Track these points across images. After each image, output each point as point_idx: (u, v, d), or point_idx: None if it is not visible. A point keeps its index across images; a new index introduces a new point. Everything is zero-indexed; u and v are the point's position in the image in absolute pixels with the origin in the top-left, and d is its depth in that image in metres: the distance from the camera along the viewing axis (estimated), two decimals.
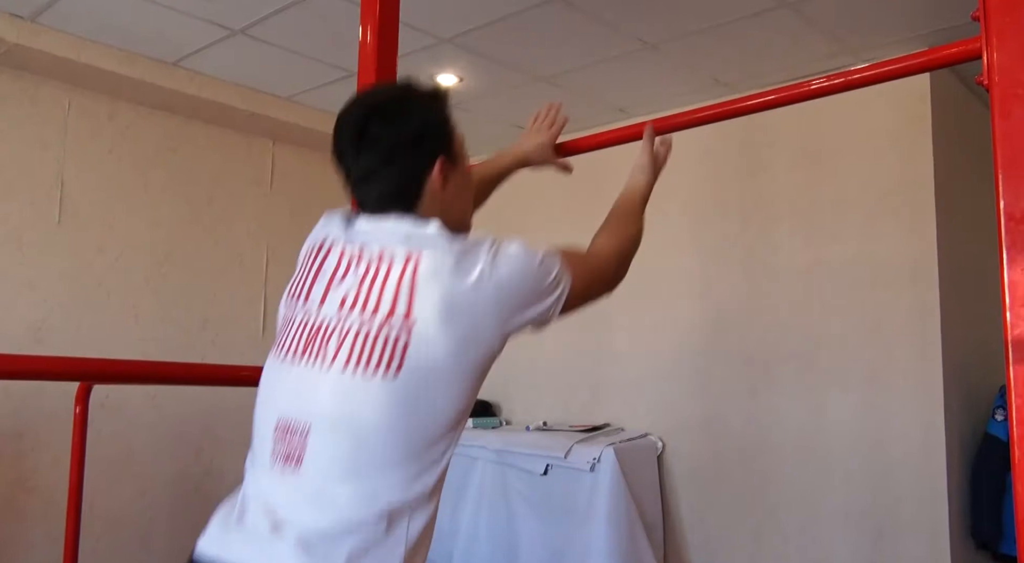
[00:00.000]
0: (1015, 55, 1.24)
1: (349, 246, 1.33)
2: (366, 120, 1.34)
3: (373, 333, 1.21)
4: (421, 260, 1.23)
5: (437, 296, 1.20)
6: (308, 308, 1.32)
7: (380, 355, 1.19)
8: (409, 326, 1.19)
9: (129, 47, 3.96)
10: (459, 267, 1.22)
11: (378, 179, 1.34)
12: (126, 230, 4.32)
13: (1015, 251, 1.20)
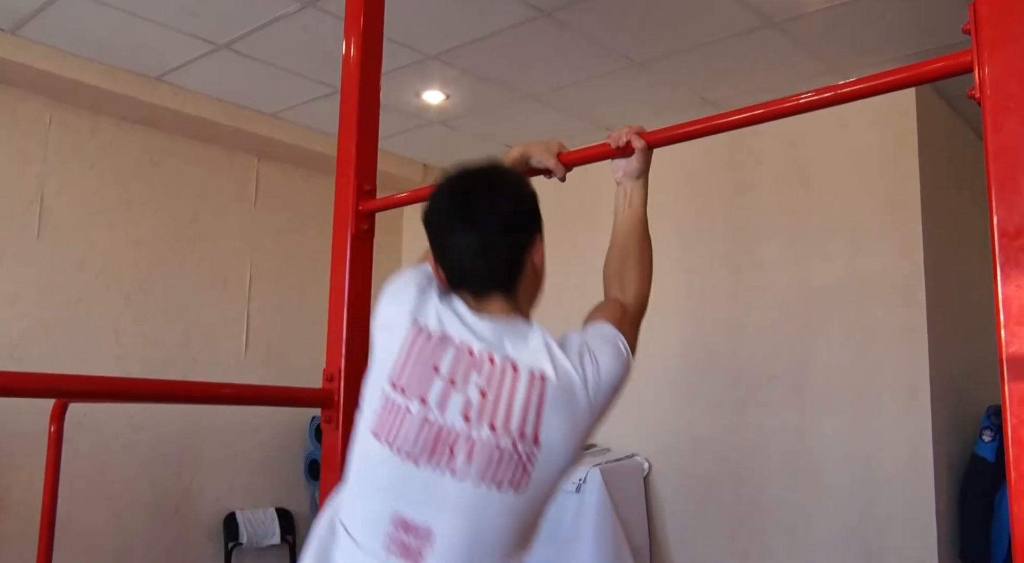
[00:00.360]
0: (1007, 68, 1.22)
1: (465, 346, 1.30)
2: (472, 195, 1.35)
3: (505, 453, 1.24)
4: (546, 385, 1.26)
5: (563, 424, 1.26)
6: (427, 408, 1.28)
7: (511, 474, 1.25)
8: (537, 450, 1.25)
9: (112, 61, 3.92)
10: (577, 390, 1.27)
11: (485, 254, 1.33)
12: (107, 246, 4.25)
13: (1009, 267, 1.18)
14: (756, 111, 1.51)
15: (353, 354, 2.12)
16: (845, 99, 1.42)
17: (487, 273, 1.34)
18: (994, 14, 1.25)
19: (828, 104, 1.45)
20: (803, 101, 1.46)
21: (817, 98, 1.44)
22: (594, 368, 1.29)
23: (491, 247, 1.33)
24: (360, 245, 2.18)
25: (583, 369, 1.28)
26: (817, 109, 1.47)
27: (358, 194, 2.19)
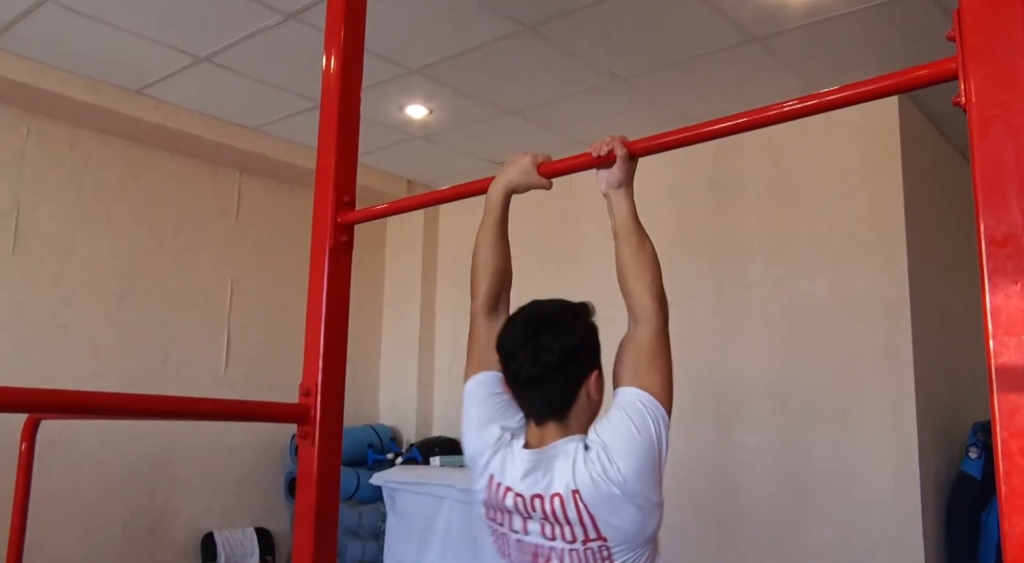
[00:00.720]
0: (992, 75, 1.20)
1: (524, 494, 1.54)
2: (539, 331, 1.56)
3: (586, 553, 1.49)
4: (581, 496, 1.47)
5: (614, 512, 1.46)
6: (517, 533, 1.57)
7: (597, 558, 1.49)
8: (607, 542, 1.47)
9: (91, 74, 3.88)
10: (602, 486, 1.46)
11: (544, 385, 1.55)
12: (85, 261, 4.19)
13: (997, 276, 1.15)
14: (740, 120, 1.48)
15: (330, 369, 2.07)
16: (830, 107, 1.39)
17: (543, 404, 1.57)
18: (978, 21, 1.23)
19: (812, 112, 1.42)
20: (787, 109, 1.43)
21: (801, 106, 1.41)
22: (606, 458, 1.47)
23: (542, 382, 1.55)
24: (338, 258, 2.14)
25: (598, 460, 1.47)
26: (801, 117, 1.45)
27: (337, 206, 2.15)
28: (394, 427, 5.29)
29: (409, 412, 5.27)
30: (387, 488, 4.66)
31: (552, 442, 1.55)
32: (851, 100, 1.40)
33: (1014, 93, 1.18)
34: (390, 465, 4.86)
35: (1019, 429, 1.11)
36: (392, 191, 5.10)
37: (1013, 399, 1.12)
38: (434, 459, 4.74)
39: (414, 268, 5.38)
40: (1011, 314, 1.15)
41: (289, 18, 3.33)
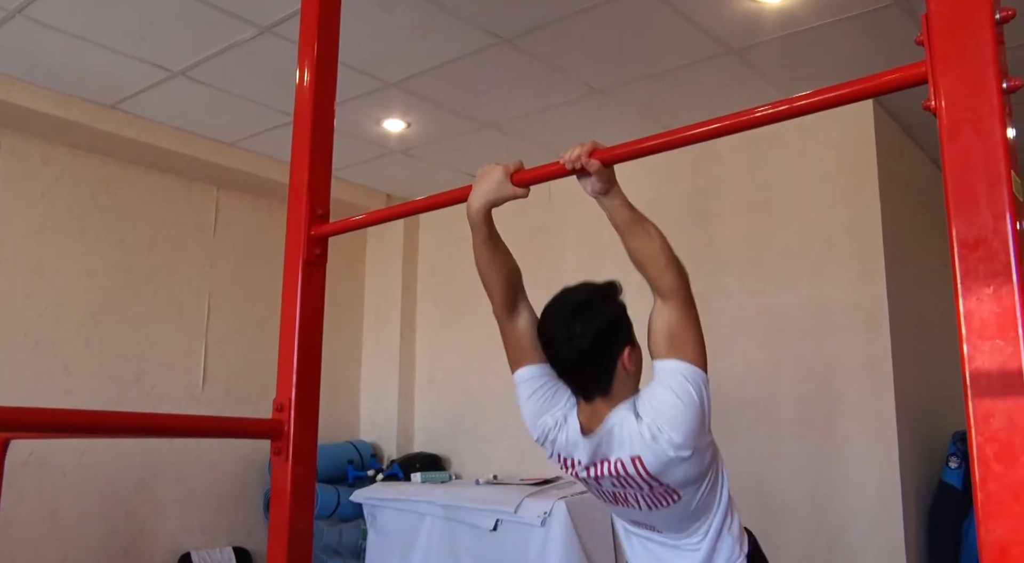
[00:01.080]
0: (961, 79, 1.20)
1: (590, 464, 1.74)
2: (571, 318, 1.71)
3: (658, 496, 1.71)
4: (643, 460, 1.64)
5: (673, 465, 1.63)
6: (600, 486, 1.78)
7: (669, 499, 1.72)
8: (674, 486, 1.68)
9: (63, 88, 3.84)
10: (657, 447, 1.62)
11: (583, 367, 1.71)
12: (57, 277, 4.14)
13: (970, 279, 1.14)
14: (712, 126, 1.48)
15: (304, 383, 2.03)
16: (803, 111, 1.39)
17: (587, 383, 1.73)
18: (946, 25, 1.22)
19: (785, 117, 1.42)
20: (760, 115, 1.43)
21: (773, 112, 1.41)
22: (657, 429, 1.62)
23: (588, 363, 1.70)
24: (312, 270, 2.11)
25: (650, 431, 1.62)
26: (774, 122, 1.44)
27: (310, 218, 2.13)
28: (374, 443, 5.24)
29: (390, 428, 5.22)
30: (368, 505, 4.60)
31: (604, 417, 1.69)
32: (823, 105, 1.39)
33: (982, 97, 1.18)
34: (371, 482, 4.81)
35: (994, 434, 1.10)
36: (371, 205, 5.07)
37: (987, 403, 1.11)
38: (415, 475, 4.70)
39: (394, 283, 5.34)
40: (984, 318, 1.14)
41: (264, 31, 3.31)
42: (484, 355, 4.94)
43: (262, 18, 3.22)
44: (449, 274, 5.21)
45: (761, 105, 1.43)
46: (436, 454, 5.00)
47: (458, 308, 5.13)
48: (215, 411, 4.58)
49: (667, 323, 1.70)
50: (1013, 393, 1.09)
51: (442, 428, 5.12)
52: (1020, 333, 1.10)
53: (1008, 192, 1.15)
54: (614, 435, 1.68)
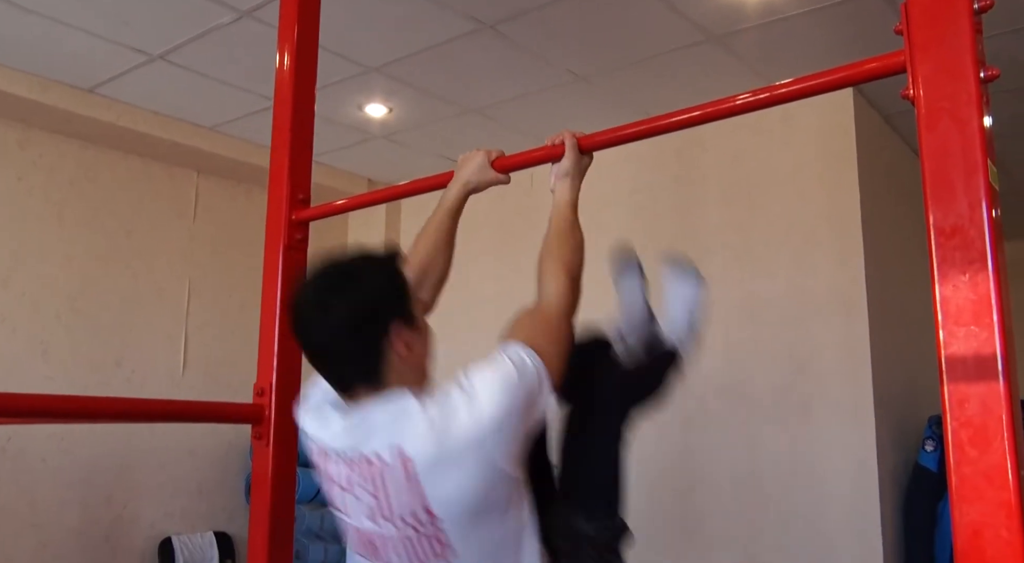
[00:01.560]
0: (939, 67, 1.21)
1: (341, 456, 1.32)
2: (316, 297, 1.32)
3: (415, 538, 1.25)
4: (411, 462, 1.21)
5: (450, 483, 1.21)
6: (350, 518, 1.35)
7: (432, 551, 1.25)
8: (440, 521, 1.23)
9: (40, 71, 3.79)
10: (446, 441, 1.21)
11: (336, 358, 1.32)
12: (36, 263, 4.09)
13: (946, 266, 1.16)
14: (694, 113, 1.49)
15: (285, 368, 2.04)
16: (783, 99, 1.41)
17: (339, 379, 1.33)
18: (924, 14, 1.24)
19: (765, 105, 1.43)
20: (740, 102, 1.44)
21: (754, 99, 1.42)
22: (467, 403, 1.23)
23: (333, 355, 1.32)
24: (293, 255, 2.12)
25: (455, 411, 1.22)
26: (755, 109, 1.45)
27: (291, 203, 2.13)
28: None
29: None
30: None
31: (368, 404, 1.30)
32: (803, 93, 1.41)
33: (960, 85, 1.19)
34: None
35: (968, 419, 1.12)
36: (353, 191, 5.05)
37: (962, 388, 1.13)
38: None
39: None
40: (959, 304, 1.16)
41: (244, 16, 3.28)
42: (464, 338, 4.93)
43: (241, 2, 3.18)
44: None
45: (742, 93, 1.44)
46: None
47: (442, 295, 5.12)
48: (196, 396, 4.57)
49: (517, 317, 1.44)
50: (987, 379, 1.11)
51: None
52: (995, 320, 1.12)
53: (985, 181, 1.17)
54: (380, 422, 1.27)
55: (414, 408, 1.25)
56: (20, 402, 1.76)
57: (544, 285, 1.49)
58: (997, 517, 1.07)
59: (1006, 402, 1.09)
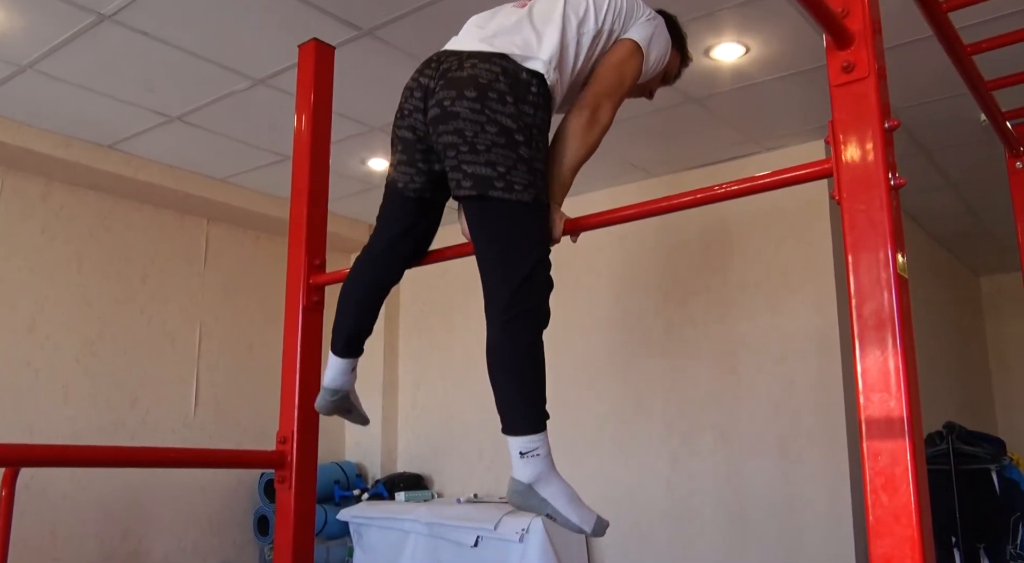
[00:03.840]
0: (857, 177, 1.47)
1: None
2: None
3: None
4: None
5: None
6: None
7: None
8: None
9: (66, 131, 4.05)
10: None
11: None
12: (57, 308, 4.33)
13: (864, 344, 1.41)
14: (673, 201, 1.75)
15: (305, 418, 2.27)
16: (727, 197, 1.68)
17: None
18: (846, 131, 1.50)
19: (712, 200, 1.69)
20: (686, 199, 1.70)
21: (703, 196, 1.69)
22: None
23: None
24: (311, 316, 2.35)
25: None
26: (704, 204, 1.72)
27: (309, 268, 2.37)
28: (359, 464, 5.46)
29: (374, 449, 5.44)
30: (354, 523, 4.83)
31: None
32: (746, 192, 1.68)
33: (874, 192, 1.45)
34: (356, 501, 5.02)
35: (882, 468, 1.37)
36: (356, 236, 5.30)
37: (877, 444, 1.38)
38: (399, 494, 4.92)
39: None
40: (875, 376, 1.41)
41: (257, 83, 3.55)
42: (464, 380, 5.18)
43: (256, 72, 3.46)
44: (430, 302, 5.45)
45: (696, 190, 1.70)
46: (419, 474, 5.23)
47: (439, 335, 5.38)
48: (207, 434, 4.79)
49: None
50: (895, 437, 1.36)
51: (424, 449, 5.35)
52: (902, 389, 1.38)
53: (895, 273, 1.43)
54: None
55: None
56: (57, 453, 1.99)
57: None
58: (903, 550, 1.32)
59: (911, 456, 1.34)
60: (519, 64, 1.77)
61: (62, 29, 3.10)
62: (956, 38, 2.24)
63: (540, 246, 1.75)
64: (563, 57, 1.83)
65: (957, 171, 4.54)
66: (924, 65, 3.27)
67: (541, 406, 1.71)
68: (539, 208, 1.76)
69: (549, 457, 1.70)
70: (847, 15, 1.51)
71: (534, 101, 1.76)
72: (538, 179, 1.75)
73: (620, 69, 1.93)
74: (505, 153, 1.69)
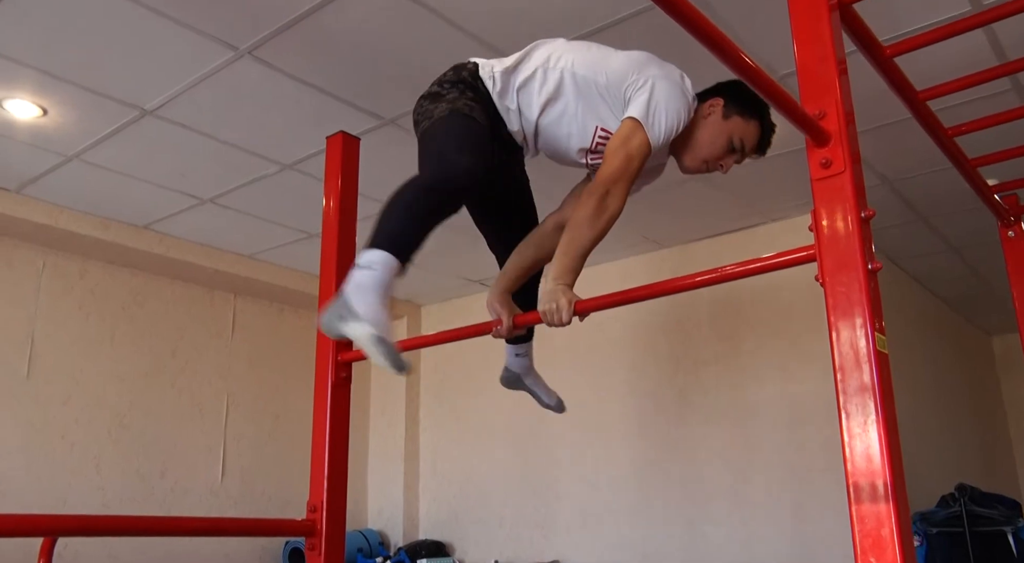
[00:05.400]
0: (838, 263, 1.63)
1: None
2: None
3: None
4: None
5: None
6: None
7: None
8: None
9: (104, 213, 4.28)
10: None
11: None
12: (91, 383, 4.50)
13: (850, 415, 1.54)
14: (679, 282, 1.90)
15: (334, 487, 2.40)
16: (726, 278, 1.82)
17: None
18: (827, 219, 1.65)
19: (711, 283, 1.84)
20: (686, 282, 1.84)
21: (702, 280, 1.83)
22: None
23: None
24: (339, 392, 2.50)
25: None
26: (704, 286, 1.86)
27: (337, 346, 2.53)
28: (382, 531, 5.53)
29: (396, 517, 5.52)
30: None
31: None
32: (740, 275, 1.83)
33: (853, 276, 1.60)
34: None
35: (869, 531, 1.49)
36: None
37: (865, 508, 1.50)
38: (421, 562, 4.99)
39: (398, 381, 5.71)
40: (860, 446, 1.54)
41: (286, 168, 3.77)
42: (484, 447, 5.29)
43: (285, 158, 3.68)
44: (451, 370, 5.60)
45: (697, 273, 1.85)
46: (440, 541, 5.29)
47: (459, 402, 5.51)
48: (233, 503, 4.90)
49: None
50: (879, 501, 1.48)
51: (446, 516, 5.42)
52: (884, 458, 1.50)
53: (874, 348, 1.57)
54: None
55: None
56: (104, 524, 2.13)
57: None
58: None
59: (895, 519, 1.46)
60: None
61: (107, 123, 3.34)
62: (937, 124, 2.42)
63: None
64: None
65: (958, 237, 4.68)
66: (916, 140, 3.44)
67: (393, 234, 1.94)
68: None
69: (380, 282, 1.87)
70: (823, 117, 1.69)
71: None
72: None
73: (625, 149, 1.92)
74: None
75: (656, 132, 1.93)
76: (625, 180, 1.96)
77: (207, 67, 2.98)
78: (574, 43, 2.13)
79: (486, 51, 2.93)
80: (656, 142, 1.95)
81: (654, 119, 1.93)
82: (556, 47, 2.09)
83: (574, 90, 2.02)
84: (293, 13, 2.70)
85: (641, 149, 1.93)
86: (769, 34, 2.86)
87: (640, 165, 1.97)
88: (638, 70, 1.97)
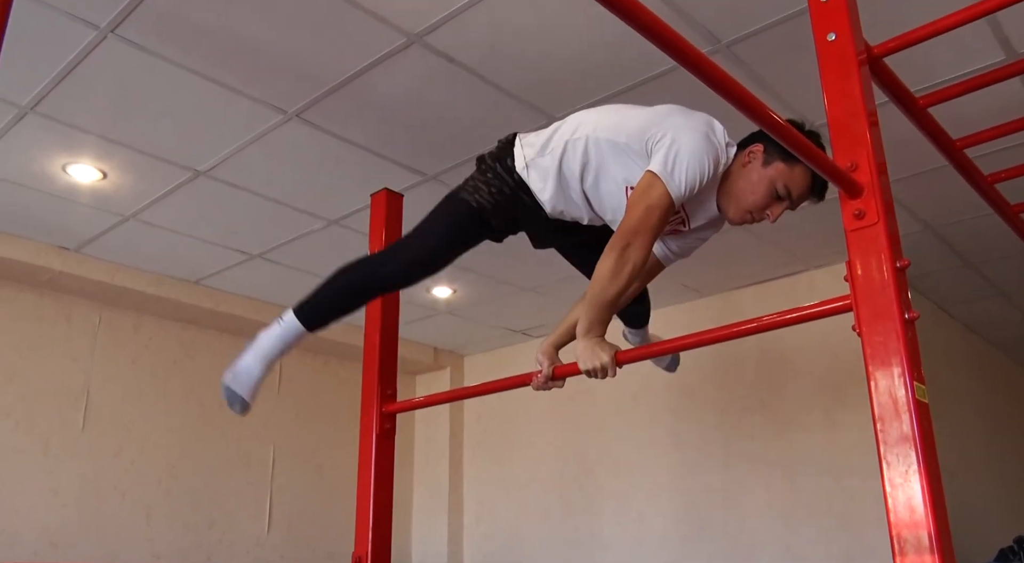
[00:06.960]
0: (874, 313, 1.64)
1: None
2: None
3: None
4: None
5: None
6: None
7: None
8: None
9: (158, 270, 4.43)
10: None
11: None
12: (143, 435, 4.61)
13: (891, 467, 1.54)
14: (716, 333, 1.92)
15: (378, 538, 2.43)
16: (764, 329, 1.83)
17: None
18: (863, 270, 1.67)
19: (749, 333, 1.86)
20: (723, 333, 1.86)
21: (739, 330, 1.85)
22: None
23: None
24: (383, 442, 2.55)
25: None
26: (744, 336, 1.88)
27: (381, 398, 2.58)
28: None
29: None
30: None
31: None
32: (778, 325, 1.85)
33: (889, 326, 1.61)
34: None
35: None
36: (420, 358, 5.55)
37: (909, 560, 1.49)
38: None
39: (442, 429, 5.75)
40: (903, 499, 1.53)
41: (331, 223, 3.88)
42: (528, 497, 5.27)
43: (330, 214, 3.79)
44: (494, 420, 5.62)
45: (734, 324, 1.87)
46: None
47: (503, 453, 5.51)
48: (279, 554, 4.93)
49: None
50: (923, 553, 1.47)
51: None
52: (928, 510, 1.50)
53: (913, 398, 1.57)
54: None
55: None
56: None
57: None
58: None
59: None
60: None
61: (162, 184, 3.48)
62: (976, 171, 2.42)
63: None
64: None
65: (1007, 281, 4.62)
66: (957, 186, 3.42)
67: (311, 304, 2.46)
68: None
69: (280, 335, 2.51)
70: (855, 169, 1.71)
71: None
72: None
73: (644, 202, 1.90)
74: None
75: (677, 183, 1.90)
76: (644, 232, 1.93)
77: (257, 129, 3.11)
78: (600, 108, 2.15)
79: (525, 108, 3.02)
80: (678, 192, 1.91)
81: (674, 170, 1.90)
82: (580, 117, 2.12)
83: (597, 154, 2.04)
84: (339, 78, 2.81)
85: (661, 201, 1.90)
86: (803, 86, 2.91)
87: (662, 216, 1.94)
88: (659, 123, 1.96)
